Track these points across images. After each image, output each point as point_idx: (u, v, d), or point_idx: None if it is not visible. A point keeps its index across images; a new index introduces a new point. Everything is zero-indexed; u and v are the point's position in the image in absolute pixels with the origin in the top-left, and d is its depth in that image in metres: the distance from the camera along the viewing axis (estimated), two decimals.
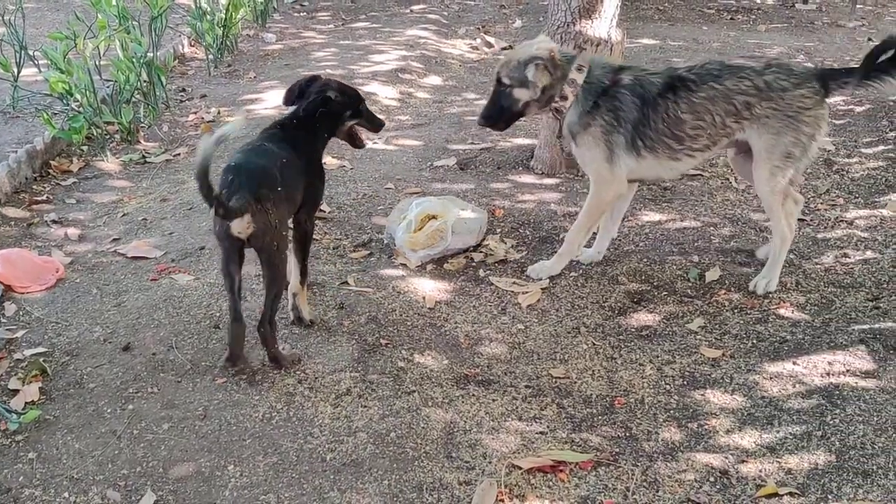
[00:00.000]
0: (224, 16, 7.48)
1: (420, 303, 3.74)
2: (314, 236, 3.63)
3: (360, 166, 5.26)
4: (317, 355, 3.34)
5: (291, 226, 3.36)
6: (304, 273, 3.49)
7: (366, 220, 4.51)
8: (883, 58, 3.50)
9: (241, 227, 2.95)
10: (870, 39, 8.53)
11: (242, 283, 3.17)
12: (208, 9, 7.36)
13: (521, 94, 3.73)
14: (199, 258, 4.06)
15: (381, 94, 6.66)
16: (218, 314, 3.58)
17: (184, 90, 6.77)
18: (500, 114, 3.81)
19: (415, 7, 9.95)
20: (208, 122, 5.98)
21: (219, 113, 6.12)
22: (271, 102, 6.18)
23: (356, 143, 3.67)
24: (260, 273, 3.33)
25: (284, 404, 3.06)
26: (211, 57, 7.32)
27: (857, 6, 9.93)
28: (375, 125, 3.65)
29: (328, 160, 5.27)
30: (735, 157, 3.92)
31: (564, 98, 3.69)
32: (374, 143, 5.73)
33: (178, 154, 5.53)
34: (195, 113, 6.21)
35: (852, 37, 8.75)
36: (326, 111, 3.39)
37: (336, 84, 3.47)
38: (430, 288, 3.86)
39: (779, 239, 3.75)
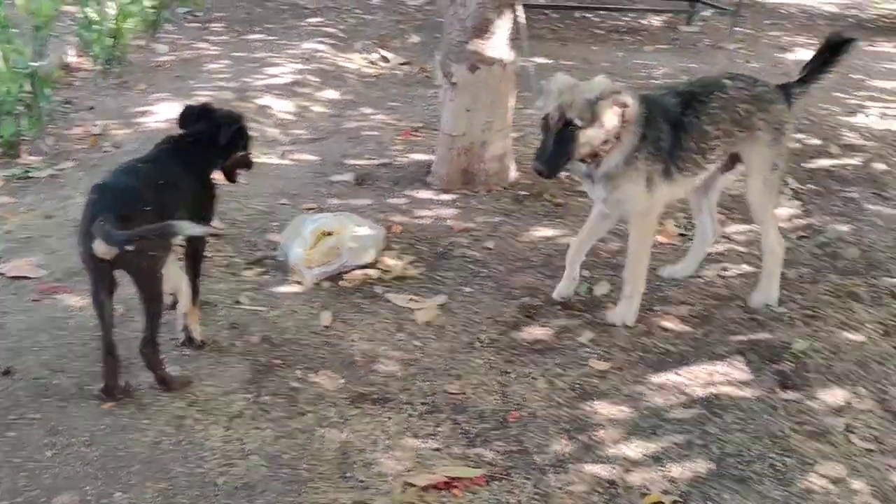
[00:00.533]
0: (113, 26, 7.25)
1: (315, 321, 3.72)
2: (206, 254, 3.56)
3: (254, 182, 5.17)
4: (208, 377, 3.27)
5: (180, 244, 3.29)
6: (195, 292, 3.41)
7: (260, 237, 4.45)
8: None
9: (103, 249, 2.85)
10: (748, 61, 8.98)
11: (114, 311, 3.08)
12: (96, 18, 7.11)
13: (592, 135, 3.39)
14: (85, 277, 3.90)
15: (277, 108, 6.58)
16: None
17: (69, 102, 6.51)
18: (563, 158, 3.44)
19: (311, 20, 9.88)
20: (95, 135, 5.79)
21: (107, 126, 5.92)
22: (162, 115, 6.02)
23: (233, 177, 3.63)
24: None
25: (174, 428, 2.98)
26: (99, 68, 7.08)
27: (737, 29, 10.43)
28: (251, 165, 3.66)
29: (219, 176, 5.19)
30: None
31: (616, 138, 3.45)
32: (269, 157, 5.66)
33: (64, 169, 5.31)
34: (81, 126, 5.99)
35: (732, 58, 9.18)
36: (231, 144, 3.40)
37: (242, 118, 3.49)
38: (325, 305, 3.84)
39: (769, 253, 3.86)
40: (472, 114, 5.00)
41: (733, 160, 3.82)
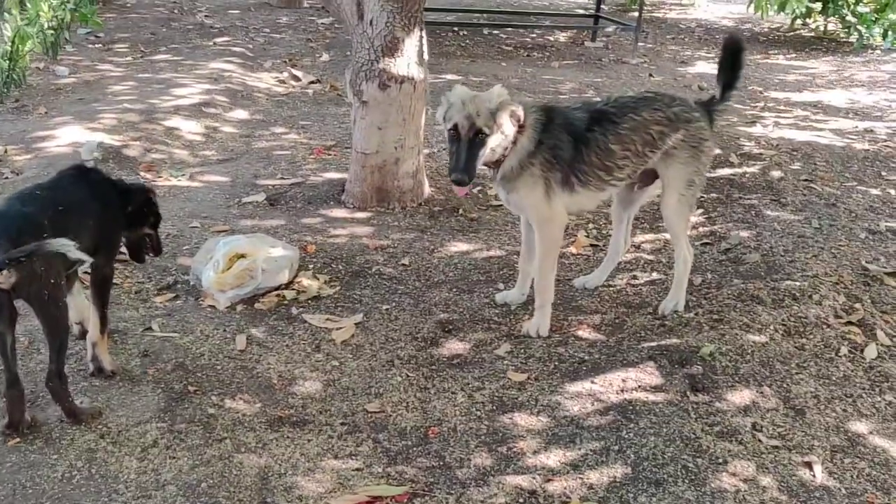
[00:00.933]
0: (9, 48, 7.01)
1: (230, 345, 3.65)
2: (115, 280, 3.46)
3: (163, 204, 5.02)
4: (120, 407, 3.18)
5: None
6: (103, 321, 3.32)
7: (170, 262, 4.35)
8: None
9: (0, 278, 2.75)
10: (651, 75, 9.28)
11: (16, 343, 2.97)
12: None
13: (497, 141, 3.53)
14: None
15: (185, 129, 6.47)
16: None
17: None
18: (476, 164, 3.55)
19: (218, 40, 9.75)
20: None
21: (6, 151, 5.71)
22: (64, 139, 5.84)
23: (139, 255, 3.63)
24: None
25: (86, 462, 2.89)
26: None
27: (639, 44, 10.76)
28: (159, 250, 3.68)
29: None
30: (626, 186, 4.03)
31: (513, 143, 3.59)
32: (178, 179, 5.56)
33: None
34: None
35: (636, 72, 9.47)
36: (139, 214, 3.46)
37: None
38: (240, 328, 3.78)
39: (682, 262, 3.96)
40: (384, 131, 5.02)
41: (652, 176, 3.93)
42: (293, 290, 4.15)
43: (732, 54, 3.91)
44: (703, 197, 5.28)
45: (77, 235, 2.94)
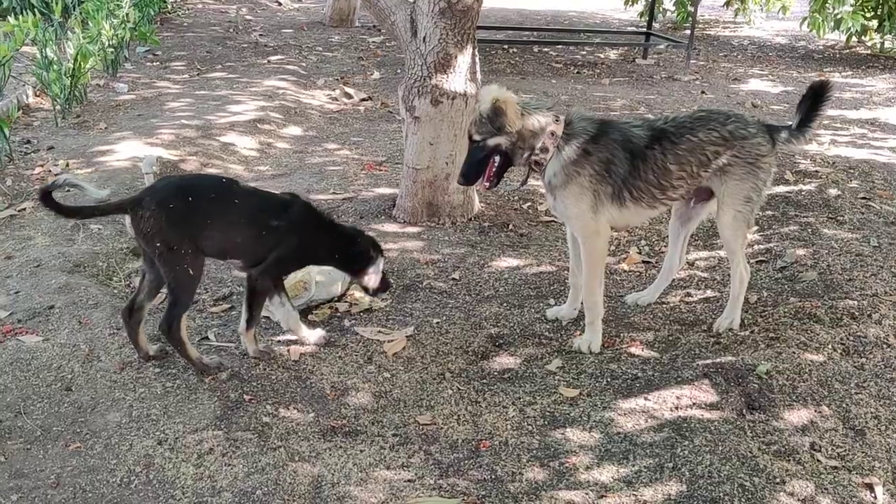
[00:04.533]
0: (72, 65, 7.23)
1: (284, 355, 3.70)
2: None
3: None
4: (177, 414, 3.24)
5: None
6: (248, 321, 3.67)
7: (226, 273, 4.44)
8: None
9: None
10: (703, 92, 9.20)
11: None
12: (55, 58, 7.09)
13: (496, 141, 3.63)
14: (48, 318, 3.87)
15: (240, 145, 6.59)
16: (70, 376, 3.42)
17: (29, 142, 6.46)
18: (480, 167, 3.69)
19: (272, 58, 9.93)
20: (56, 174, 5.73)
21: (67, 165, 5.88)
22: (123, 154, 6.00)
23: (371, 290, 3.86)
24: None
25: (143, 467, 2.95)
26: (58, 107, 7.04)
27: (692, 61, 10.69)
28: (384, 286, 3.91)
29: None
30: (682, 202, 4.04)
31: (545, 150, 3.64)
32: None
33: (24, 209, 5.26)
34: (42, 165, 5.94)
35: (687, 89, 9.40)
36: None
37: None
38: (294, 340, 3.83)
39: (738, 280, 3.92)
40: (436, 147, 5.06)
41: (709, 192, 3.90)
42: (346, 302, 4.19)
43: (816, 95, 3.84)
44: (758, 214, 5.21)
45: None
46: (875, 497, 2.89)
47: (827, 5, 11.37)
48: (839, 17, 11.27)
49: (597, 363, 3.72)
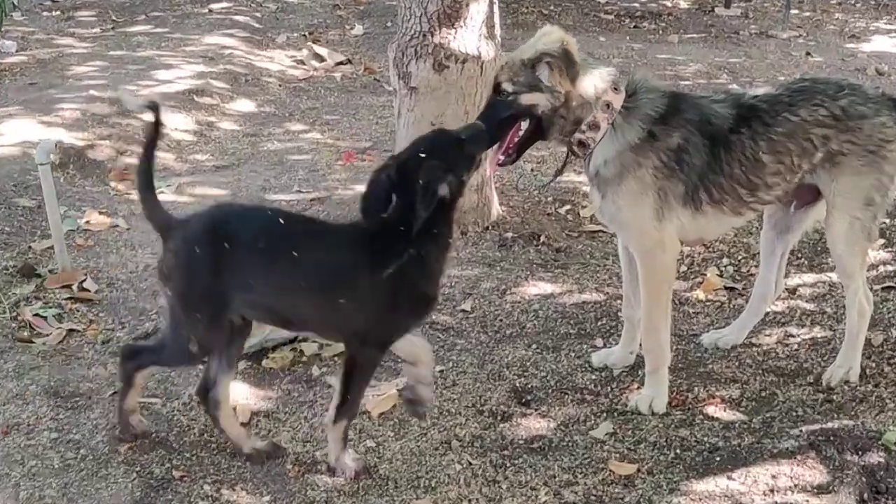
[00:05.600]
0: None
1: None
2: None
3: (140, 226, 5.17)
4: (80, 497, 3.24)
5: None
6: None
7: (149, 302, 4.45)
8: None
9: None
10: (809, 54, 9.22)
11: None
12: None
13: (535, 99, 3.58)
14: None
15: (171, 125, 6.61)
16: None
17: None
18: (499, 130, 3.63)
19: (215, 6, 9.99)
20: None
21: None
22: (10, 137, 6.02)
23: None
24: None
25: None
26: None
27: (792, 11, 10.71)
28: None
29: (95, 217, 5.20)
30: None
31: (595, 127, 3.60)
32: (161, 192, 5.67)
33: None
34: None
35: (786, 50, 9.43)
36: None
37: None
38: (243, 394, 3.84)
39: (856, 313, 3.90)
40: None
41: (815, 192, 3.88)
42: (314, 342, 4.19)
43: None
44: (883, 222, 5.21)
45: None
46: None
47: None
48: None
49: (661, 428, 3.72)
